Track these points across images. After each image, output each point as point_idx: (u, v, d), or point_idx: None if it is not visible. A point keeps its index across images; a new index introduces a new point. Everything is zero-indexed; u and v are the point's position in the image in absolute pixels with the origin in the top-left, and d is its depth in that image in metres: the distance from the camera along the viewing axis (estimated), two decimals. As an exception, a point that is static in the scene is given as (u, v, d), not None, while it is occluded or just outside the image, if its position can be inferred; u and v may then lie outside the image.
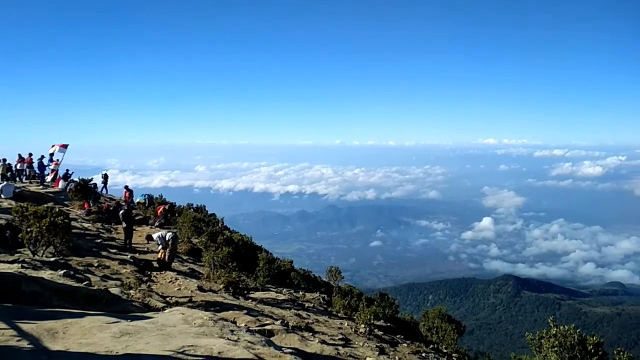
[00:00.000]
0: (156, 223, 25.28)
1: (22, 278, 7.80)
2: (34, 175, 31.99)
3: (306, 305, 16.48)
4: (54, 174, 32.48)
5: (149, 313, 8.01)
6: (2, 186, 23.59)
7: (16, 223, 13.49)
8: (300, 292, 19.57)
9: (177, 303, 11.50)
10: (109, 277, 12.68)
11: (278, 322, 10.93)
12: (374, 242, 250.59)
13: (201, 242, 22.46)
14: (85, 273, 12.04)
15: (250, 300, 14.46)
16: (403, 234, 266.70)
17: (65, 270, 10.77)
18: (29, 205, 13.76)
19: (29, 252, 12.43)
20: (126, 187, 29.90)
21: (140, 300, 10.23)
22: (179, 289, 13.74)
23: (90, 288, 9.39)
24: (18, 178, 31.58)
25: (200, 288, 14.15)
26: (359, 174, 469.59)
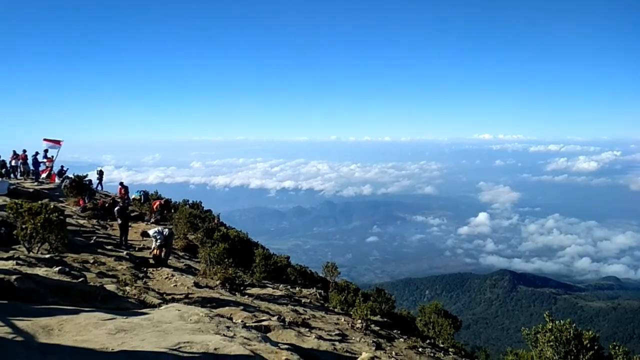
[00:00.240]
0: (152, 219, 25.21)
1: (17, 275, 7.74)
2: (29, 171, 31.81)
3: (303, 301, 16.48)
4: (49, 171, 32.33)
5: (145, 310, 7.98)
6: (-3, 183, 23.48)
7: (11, 220, 13.41)
8: (296, 288, 19.57)
9: (174, 299, 11.46)
10: (105, 274, 12.62)
11: (275, 318, 10.92)
12: (371, 238, 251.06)
13: (197, 239, 22.40)
14: (80, 270, 11.99)
15: (246, 296, 14.45)
16: (399, 230, 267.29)
17: (60, 267, 10.71)
18: (24, 202, 13.69)
19: (24, 249, 12.37)
20: (121, 184, 29.77)
21: (136, 296, 10.18)
22: (175, 286, 13.71)
23: (85, 285, 9.34)
24: (12, 175, 31.40)
25: (196, 284, 14.12)
26: (355, 170, 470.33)
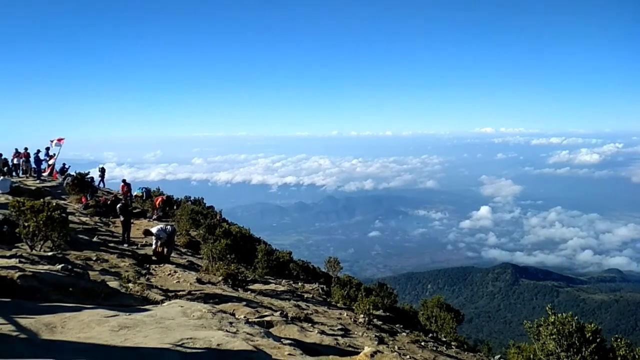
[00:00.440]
0: (154, 216, 25.26)
1: (20, 273, 7.77)
2: (31, 169, 31.88)
3: (305, 296, 16.51)
4: (51, 169, 32.39)
5: (148, 306, 8.00)
6: (-1, 181, 23.54)
7: (13, 218, 13.46)
8: (299, 283, 19.60)
9: (176, 296, 11.50)
10: (108, 271, 12.66)
11: (277, 314, 10.94)
12: (373, 233, 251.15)
13: (199, 235, 22.46)
14: (83, 267, 12.02)
15: (249, 291, 14.48)
16: (401, 224, 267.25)
17: (63, 264, 10.75)
18: (26, 199, 13.73)
19: (27, 247, 12.40)
20: (124, 181, 29.82)
21: (139, 293, 10.22)
22: (178, 282, 13.74)
23: (88, 282, 9.38)
24: (15, 172, 31.47)
25: (199, 280, 14.15)
26: (357, 165, 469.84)
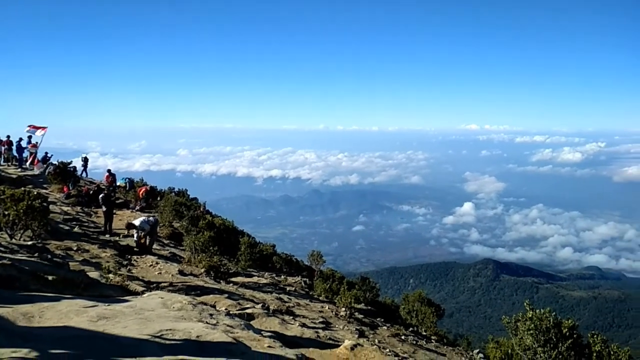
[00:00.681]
0: (137, 207, 25.07)
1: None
2: (12, 158, 31.37)
3: (288, 289, 16.56)
4: (33, 157, 31.91)
5: (128, 297, 7.98)
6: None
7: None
8: (282, 276, 19.64)
9: (158, 287, 11.47)
10: (89, 261, 12.57)
11: (259, 306, 10.97)
12: (357, 227, 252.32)
13: (182, 226, 22.35)
14: (64, 257, 11.93)
15: (231, 284, 14.48)
16: (385, 219, 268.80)
17: (43, 254, 10.66)
18: (6, 188, 13.54)
19: (6, 236, 12.26)
20: (109, 171, 29.50)
21: (119, 284, 10.17)
22: (160, 273, 13.70)
23: (68, 272, 9.31)
24: (-4, 161, 30.98)
25: (181, 272, 14.11)
26: (343, 159, 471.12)
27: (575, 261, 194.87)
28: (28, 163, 30.91)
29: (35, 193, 13.80)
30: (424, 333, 16.65)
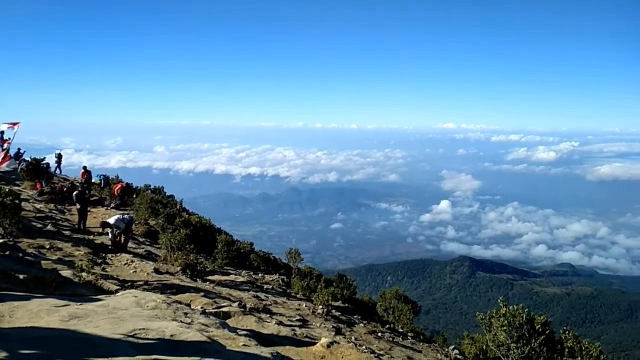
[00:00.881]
0: (112, 204, 24.71)
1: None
2: (-17, 154, 30.61)
3: (265, 287, 16.51)
4: (5, 153, 31.18)
5: (101, 296, 7.86)
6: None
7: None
8: (259, 274, 19.57)
9: (133, 286, 11.33)
10: (62, 260, 12.35)
11: (235, 304, 10.92)
12: (335, 224, 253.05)
13: (158, 224, 22.10)
14: (36, 255, 11.70)
15: (208, 282, 14.38)
16: (363, 216, 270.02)
17: (14, 252, 10.43)
18: (-25, 185, 13.23)
19: (-25, 234, 11.98)
20: (84, 168, 28.97)
21: (92, 283, 10.01)
22: (135, 272, 13.53)
23: (40, 270, 9.14)
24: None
25: (156, 270, 13.96)
26: (321, 157, 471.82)
27: (549, 258, 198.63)
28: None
29: (6, 190, 13.50)
30: (401, 330, 16.78)
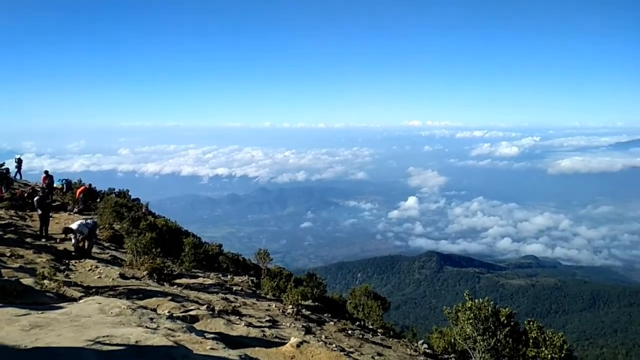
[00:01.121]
0: (75, 209, 24.16)
1: None
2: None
3: (234, 288, 16.42)
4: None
5: (63, 304, 7.67)
6: None
7: None
8: (228, 276, 19.46)
9: (97, 292, 11.09)
10: (23, 268, 12.02)
11: (204, 307, 10.81)
12: (305, 223, 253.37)
13: (123, 228, 21.71)
14: (-6, 264, 11.34)
15: (175, 286, 14.21)
16: (333, 215, 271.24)
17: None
18: None
19: None
20: (46, 172, 28.17)
21: (55, 290, 9.76)
22: (100, 278, 13.25)
23: (-1, 280, 8.85)
24: None
25: (122, 275, 13.71)
26: (290, 156, 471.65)
27: (513, 251, 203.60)
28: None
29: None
30: (371, 326, 16.92)
